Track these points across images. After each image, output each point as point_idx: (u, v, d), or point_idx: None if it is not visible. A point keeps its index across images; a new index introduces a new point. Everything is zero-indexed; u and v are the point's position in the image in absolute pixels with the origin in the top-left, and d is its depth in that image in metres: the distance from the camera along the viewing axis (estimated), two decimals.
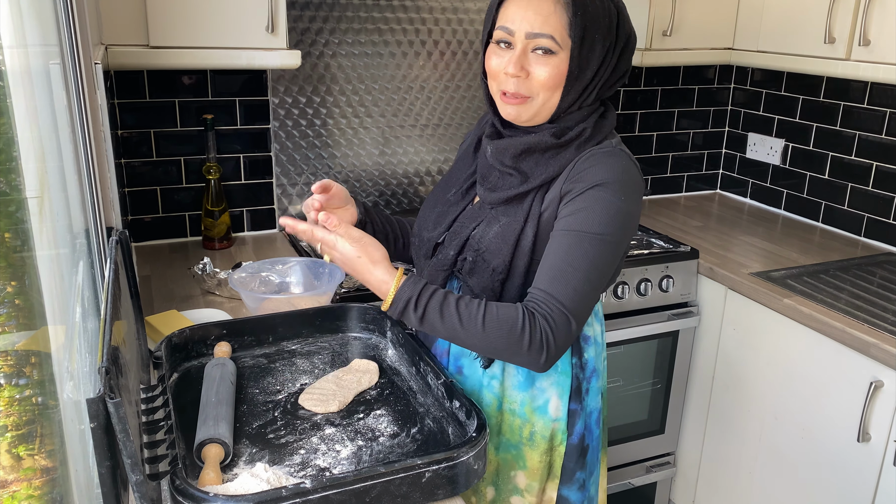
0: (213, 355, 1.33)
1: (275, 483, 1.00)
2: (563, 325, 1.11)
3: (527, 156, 1.20)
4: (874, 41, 1.92)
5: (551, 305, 1.11)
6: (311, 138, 2.24)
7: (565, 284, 1.11)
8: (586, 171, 1.16)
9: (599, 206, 1.13)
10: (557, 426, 1.29)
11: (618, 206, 1.14)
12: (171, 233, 2.17)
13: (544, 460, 1.30)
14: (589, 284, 1.12)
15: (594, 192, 1.14)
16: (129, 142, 2.05)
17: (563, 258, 1.13)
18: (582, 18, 1.12)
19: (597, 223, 1.13)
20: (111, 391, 0.77)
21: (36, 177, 0.79)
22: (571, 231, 1.14)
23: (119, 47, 1.71)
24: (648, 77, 2.61)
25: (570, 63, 1.14)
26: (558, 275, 1.12)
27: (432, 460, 0.98)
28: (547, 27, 1.13)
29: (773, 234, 2.37)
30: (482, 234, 1.22)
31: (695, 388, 2.26)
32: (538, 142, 1.18)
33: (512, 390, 1.28)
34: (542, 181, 1.19)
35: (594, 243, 1.12)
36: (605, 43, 1.14)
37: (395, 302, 1.13)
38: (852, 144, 2.34)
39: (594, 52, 1.14)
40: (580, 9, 1.12)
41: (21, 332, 0.70)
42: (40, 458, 0.70)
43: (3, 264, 0.69)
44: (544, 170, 1.19)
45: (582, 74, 1.15)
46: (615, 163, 1.16)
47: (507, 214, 1.21)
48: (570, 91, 1.16)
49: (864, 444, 1.73)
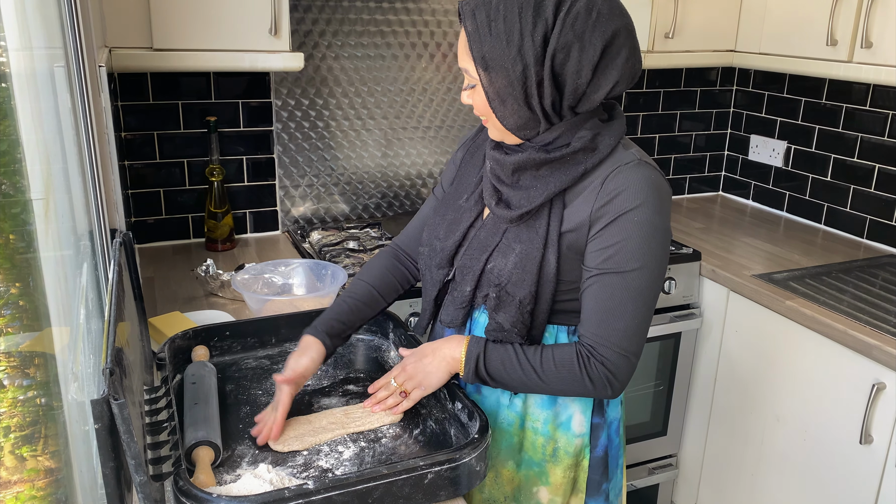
0: (192, 359, 1.32)
1: (278, 484, 1.01)
2: (621, 364, 1.13)
3: (521, 173, 1.17)
4: (876, 43, 1.92)
5: (606, 349, 1.12)
6: (314, 140, 2.25)
7: (616, 326, 1.12)
8: (616, 195, 1.11)
9: (634, 236, 1.11)
10: (581, 441, 1.27)
11: (650, 229, 1.11)
12: (174, 234, 2.17)
13: (568, 476, 1.28)
14: (637, 319, 1.12)
15: (627, 219, 1.11)
16: (132, 144, 2.06)
17: (609, 300, 1.12)
18: (478, 50, 1.10)
19: (636, 257, 1.11)
20: (115, 392, 0.77)
21: (41, 179, 0.79)
22: (609, 273, 1.12)
23: (123, 50, 1.72)
24: (651, 79, 2.61)
25: (487, 93, 1.12)
26: (607, 317, 1.12)
27: (434, 461, 0.99)
28: (462, 61, 1.14)
29: (776, 236, 2.37)
30: (501, 268, 1.19)
31: (697, 390, 2.26)
32: (526, 160, 1.15)
33: (535, 408, 1.25)
34: (545, 198, 1.15)
35: (636, 278, 1.11)
36: (515, 68, 1.08)
37: (466, 364, 1.16)
38: (855, 146, 2.34)
39: (507, 79, 1.09)
40: (475, 42, 1.10)
41: (25, 334, 0.70)
42: (44, 459, 0.70)
43: (8, 265, 0.69)
44: (545, 187, 1.15)
45: (506, 102, 1.11)
46: (643, 179, 1.12)
47: (520, 241, 1.17)
48: (505, 117, 1.13)
49: (866, 446, 1.73)
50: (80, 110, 1.05)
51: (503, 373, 1.15)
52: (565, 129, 1.13)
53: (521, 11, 1.07)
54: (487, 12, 1.09)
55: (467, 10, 1.11)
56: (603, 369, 1.12)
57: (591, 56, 1.08)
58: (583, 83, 1.09)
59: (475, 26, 1.09)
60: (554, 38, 1.06)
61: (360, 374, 1.35)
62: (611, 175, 1.12)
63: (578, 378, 1.13)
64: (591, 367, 1.12)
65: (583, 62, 1.08)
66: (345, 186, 2.33)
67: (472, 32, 1.10)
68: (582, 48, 1.07)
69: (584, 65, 1.08)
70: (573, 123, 1.13)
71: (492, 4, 1.09)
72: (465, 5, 1.12)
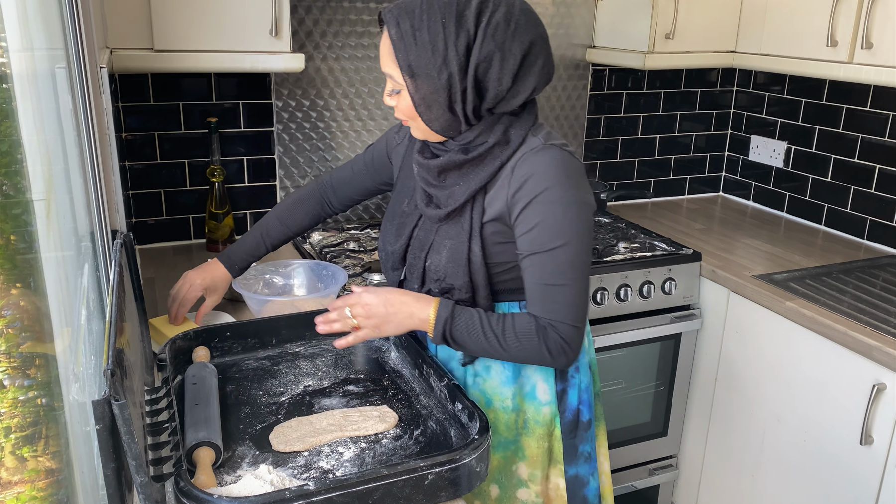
0: (193, 360, 1.33)
1: (278, 485, 1.01)
2: (573, 334, 1.20)
3: (447, 174, 1.25)
4: (877, 44, 1.92)
5: (556, 324, 1.19)
6: (315, 141, 2.25)
7: (556, 301, 1.19)
8: (525, 180, 1.19)
9: (551, 215, 1.18)
10: (549, 410, 1.33)
11: (566, 205, 1.18)
12: (174, 235, 2.17)
13: (542, 446, 1.34)
14: (575, 289, 1.20)
15: (541, 200, 1.18)
16: (133, 144, 2.06)
17: (545, 278, 1.20)
18: (404, 58, 1.16)
19: (558, 234, 1.18)
20: (116, 393, 0.77)
21: (42, 179, 0.79)
22: (537, 253, 1.19)
23: (124, 51, 1.72)
24: (651, 80, 2.61)
25: (413, 98, 1.19)
26: (548, 296, 1.20)
27: (435, 462, 0.99)
28: (386, 66, 1.20)
29: (776, 237, 2.37)
30: (437, 264, 1.28)
31: (697, 391, 2.26)
32: (448, 161, 1.23)
33: (501, 388, 1.32)
34: (468, 196, 1.23)
35: (564, 253, 1.18)
36: (441, 76, 1.15)
37: (435, 327, 1.21)
38: (855, 147, 2.34)
39: (432, 86, 1.16)
40: (401, 50, 1.16)
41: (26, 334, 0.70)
42: (45, 459, 0.70)
43: (9, 266, 0.69)
44: (467, 186, 1.23)
45: (432, 107, 1.18)
46: (549, 161, 1.19)
47: (449, 237, 1.26)
48: (430, 120, 1.20)
49: (866, 447, 1.73)
50: (81, 111, 1.05)
51: (467, 338, 1.21)
52: (484, 128, 1.21)
53: (444, 22, 1.14)
54: (411, 22, 1.15)
55: (390, 18, 1.17)
56: (559, 339, 1.19)
57: (511, 65, 1.16)
58: (503, 90, 1.17)
59: (400, 35, 1.16)
60: (476, 49, 1.14)
61: (361, 375, 1.35)
62: (519, 162, 1.21)
63: (537, 348, 1.20)
64: (549, 338, 1.19)
65: (504, 71, 1.16)
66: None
67: (397, 41, 1.16)
68: (503, 58, 1.15)
69: (504, 73, 1.16)
70: (490, 122, 1.21)
71: (415, 14, 1.15)
72: (388, 13, 1.18)
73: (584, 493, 1.38)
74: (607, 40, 2.44)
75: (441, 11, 1.14)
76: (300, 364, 1.37)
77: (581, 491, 1.38)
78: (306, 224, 1.60)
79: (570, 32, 2.47)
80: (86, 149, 1.05)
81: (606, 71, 2.55)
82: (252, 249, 1.57)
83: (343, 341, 1.27)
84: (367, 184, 1.55)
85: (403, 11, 1.17)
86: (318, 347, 1.43)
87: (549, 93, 2.50)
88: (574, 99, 2.54)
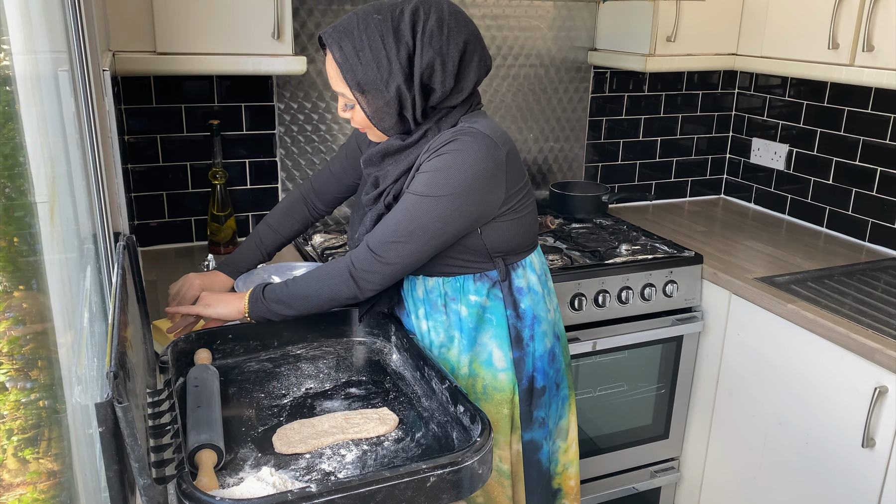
0: (195, 362, 1.33)
1: (280, 487, 1.01)
2: (365, 259, 1.30)
3: (388, 158, 1.36)
4: (878, 47, 1.92)
5: (360, 248, 1.31)
6: (316, 143, 2.25)
7: (378, 232, 1.30)
8: (436, 148, 1.28)
9: (434, 170, 1.26)
10: (505, 377, 1.40)
11: (451, 169, 1.25)
12: (177, 237, 2.18)
13: (501, 412, 1.40)
14: (400, 234, 1.28)
15: (434, 160, 1.27)
16: (135, 147, 2.06)
17: (392, 212, 1.30)
18: (352, 77, 1.26)
19: (426, 185, 1.26)
20: (119, 396, 0.77)
21: (45, 182, 0.79)
22: (407, 193, 1.30)
23: (127, 54, 1.72)
24: (652, 82, 2.62)
25: (366, 112, 1.30)
26: (378, 226, 1.31)
27: (437, 465, 0.99)
28: (336, 86, 1.31)
29: (778, 240, 2.37)
30: (360, 234, 1.39)
31: (699, 393, 2.26)
32: (388, 145, 1.34)
33: (460, 356, 1.40)
34: (397, 176, 1.33)
35: (417, 201, 1.27)
36: (389, 88, 1.25)
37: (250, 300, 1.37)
38: (856, 149, 2.34)
39: (383, 99, 1.27)
40: (348, 71, 1.26)
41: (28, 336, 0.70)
42: (46, 461, 0.70)
43: (11, 268, 0.69)
44: (396, 167, 1.34)
45: (384, 118, 1.29)
46: (461, 134, 1.27)
47: (375, 211, 1.37)
48: (386, 129, 1.32)
49: (868, 449, 1.73)
50: (84, 114, 1.05)
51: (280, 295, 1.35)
52: (431, 125, 1.31)
53: (383, 38, 1.23)
54: (353, 43, 1.24)
55: (332, 42, 1.26)
56: (348, 263, 1.31)
57: (452, 67, 1.26)
58: (447, 90, 1.27)
59: (344, 57, 1.25)
60: (417, 58, 1.24)
61: (363, 377, 1.35)
62: (438, 136, 1.30)
63: (329, 272, 1.33)
64: (340, 261, 1.33)
65: (446, 73, 1.26)
66: None
67: (343, 63, 1.25)
68: (443, 63, 1.25)
69: (447, 75, 1.26)
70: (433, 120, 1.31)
71: (354, 35, 1.24)
72: (328, 38, 1.26)
73: (537, 456, 1.46)
74: (609, 43, 2.44)
75: (378, 28, 1.23)
76: (302, 366, 1.38)
77: (535, 455, 1.45)
78: (297, 229, 1.68)
79: (572, 35, 2.47)
80: (88, 151, 1.05)
81: (608, 73, 2.55)
82: (250, 258, 1.64)
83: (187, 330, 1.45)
84: (348, 181, 1.63)
85: (342, 34, 1.25)
86: (320, 350, 1.43)
87: (551, 95, 2.50)
88: (575, 101, 2.54)
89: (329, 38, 1.26)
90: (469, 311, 1.38)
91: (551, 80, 2.49)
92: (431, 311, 1.41)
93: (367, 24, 1.24)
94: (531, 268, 1.42)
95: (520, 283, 1.40)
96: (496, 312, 1.39)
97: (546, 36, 2.43)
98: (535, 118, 2.51)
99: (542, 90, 2.49)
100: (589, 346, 2.04)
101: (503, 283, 1.39)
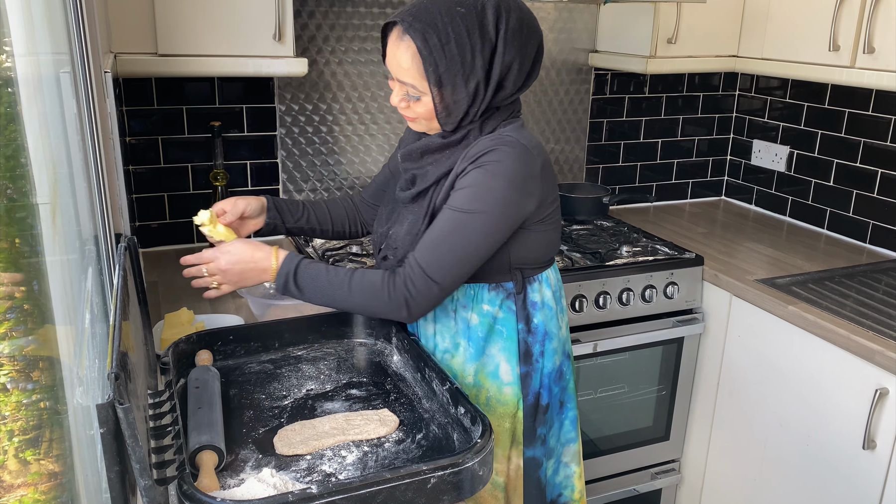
0: (196, 364, 1.33)
1: (281, 488, 1.01)
2: (421, 285, 1.25)
3: (428, 156, 1.33)
4: (879, 49, 1.92)
5: (415, 270, 1.25)
6: (318, 145, 2.26)
7: (432, 254, 1.25)
8: (476, 156, 1.25)
9: (478, 184, 1.23)
10: (510, 390, 1.38)
11: (493, 182, 1.23)
12: (178, 239, 2.18)
13: (503, 426, 1.38)
14: (453, 255, 1.25)
15: (472, 172, 1.24)
16: (136, 148, 2.07)
17: (437, 231, 1.26)
18: (434, 71, 1.21)
19: (471, 201, 1.24)
20: (120, 397, 0.77)
21: (47, 183, 0.80)
22: (448, 209, 1.26)
23: (128, 55, 1.72)
24: (653, 84, 2.62)
25: (435, 105, 1.25)
26: (428, 245, 1.26)
27: (437, 466, 0.99)
28: (408, 77, 1.24)
29: (778, 241, 2.37)
30: (396, 233, 1.36)
31: (700, 395, 2.26)
32: (429, 142, 1.32)
33: (465, 364, 1.38)
34: (437, 178, 1.30)
35: (466, 219, 1.24)
36: (469, 84, 1.22)
37: (278, 276, 1.28)
38: (857, 151, 2.34)
39: (458, 95, 1.23)
40: (431, 63, 1.21)
41: (30, 337, 0.70)
42: (47, 462, 0.70)
43: (13, 270, 0.69)
44: (437, 168, 1.30)
45: (452, 112, 1.25)
46: (503, 143, 1.25)
47: (412, 212, 1.34)
48: (446, 122, 1.27)
49: (869, 451, 1.73)
50: (86, 115, 1.05)
51: (311, 284, 1.27)
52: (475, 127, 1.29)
53: (468, 33, 1.20)
54: (438, 35, 1.19)
55: (415, 32, 1.20)
56: (404, 288, 1.25)
57: (526, 66, 1.26)
58: (514, 89, 1.27)
59: (429, 49, 1.20)
60: (499, 56, 1.22)
61: (363, 379, 1.35)
62: (477, 142, 1.27)
63: (378, 294, 1.25)
64: (394, 284, 1.25)
65: (521, 73, 1.26)
66: (348, 191, 2.33)
67: (427, 54, 1.20)
68: (521, 63, 1.25)
69: (521, 75, 1.26)
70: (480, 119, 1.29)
71: (439, 27, 1.20)
72: (410, 28, 1.21)
73: (538, 474, 1.44)
74: (609, 45, 2.45)
75: (463, 22, 1.20)
76: (303, 368, 1.38)
77: (535, 473, 1.44)
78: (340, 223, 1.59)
79: (573, 37, 2.47)
80: (90, 153, 1.05)
81: (609, 75, 2.55)
82: (293, 203, 1.55)
83: (209, 294, 1.35)
84: None
85: (427, 24, 1.20)
86: (321, 351, 1.43)
87: (552, 96, 2.50)
88: (576, 103, 2.54)
89: (411, 28, 1.20)
90: (480, 321, 1.36)
91: (552, 82, 2.49)
92: (440, 315, 1.39)
93: (451, 16, 1.20)
94: (547, 283, 1.40)
95: (535, 297, 1.38)
96: (507, 325, 1.37)
97: (547, 38, 2.43)
98: (536, 119, 2.51)
99: (543, 92, 2.49)
100: (590, 348, 2.04)
101: (518, 295, 1.36)
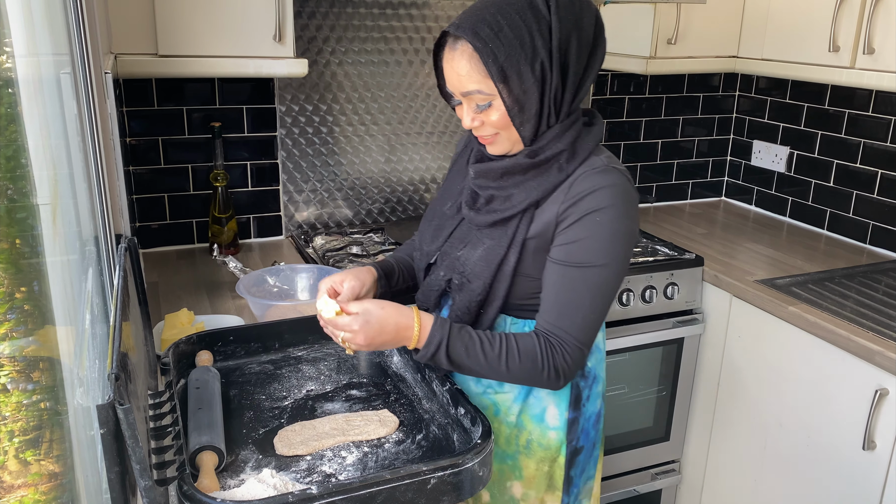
0: (196, 364, 1.33)
1: (281, 489, 1.01)
2: (576, 355, 1.18)
3: (508, 177, 1.22)
4: (878, 49, 1.93)
5: (566, 339, 1.17)
6: (318, 146, 2.26)
7: (574, 317, 1.17)
8: (582, 196, 1.16)
9: (599, 235, 1.15)
10: (555, 435, 1.30)
11: (615, 229, 1.16)
12: (178, 239, 2.18)
13: (541, 469, 1.31)
14: (595, 314, 1.18)
15: (592, 218, 1.16)
16: (137, 149, 2.07)
17: (570, 291, 1.17)
18: (494, 62, 1.12)
19: (598, 253, 1.16)
20: (121, 397, 0.77)
21: (47, 184, 0.80)
22: (573, 264, 1.17)
23: (128, 56, 1.72)
24: (653, 85, 2.62)
25: (506, 104, 1.15)
26: (566, 309, 1.17)
27: (437, 467, 0.99)
28: (471, 83, 1.15)
29: (778, 242, 2.37)
30: (468, 257, 1.25)
31: (700, 395, 2.26)
32: (514, 164, 1.20)
33: (511, 403, 1.29)
34: (527, 205, 1.20)
35: (598, 274, 1.16)
36: (534, 67, 1.13)
37: (427, 345, 1.16)
38: (857, 152, 2.34)
39: (526, 83, 1.14)
40: (489, 56, 1.12)
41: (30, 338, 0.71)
42: (48, 463, 0.70)
43: (13, 270, 0.69)
44: (527, 194, 1.20)
45: (525, 106, 1.16)
46: (610, 183, 1.16)
47: (491, 238, 1.23)
48: (523, 123, 1.17)
49: (869, 451, 1.73)
50: (86, 116, 1.05)
51: (465, 359, 1.17)
52: (556, 133, 1.19)
53: (520, 14, 1.13)
54: (490, 26, 1.12)
55: (465, 31, 1.13)
56: (562, 359, 1.17)
57: (586, 40, 1.16)
58: (580, 69, 1.17)
59: (483, 42, 1.12)
60: (556, 30, 1.13)
61: (363, 380, 1.35)
62: (579, 178, 1.18)
63: (539, 370, 1.17)
64: (554, 356, 1.17)
65: (581, 47, 1.16)
66: (348, 191, 2.33)
67: (483, 49, 1.12)
68: (579, 35, 1.15)
69: (582, 50, 1.16)
70: (563, 128, 1.19)
71: (487, 20, 1.13)
72: (460, 30, 1.14)
73: None
74: (610, 45, 2.41)
75: (512, 6, 1.13)
76: (303, 368, 1.38)
77: None
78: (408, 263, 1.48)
79: None
80: (90, 154, 1.06)
81: (609, 76, 2.55)
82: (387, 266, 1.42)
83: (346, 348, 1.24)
84: None
85: (475, 21, 1.13)
86: (321, 352, 1.43)
87: None
88: None
89: (460, 29, 1.14)
90: None
91: None
92: None
93: (498, 6, 1.14)
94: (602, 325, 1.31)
95: None
96: None
97: None
98: None
99: None
100: None
101: None
